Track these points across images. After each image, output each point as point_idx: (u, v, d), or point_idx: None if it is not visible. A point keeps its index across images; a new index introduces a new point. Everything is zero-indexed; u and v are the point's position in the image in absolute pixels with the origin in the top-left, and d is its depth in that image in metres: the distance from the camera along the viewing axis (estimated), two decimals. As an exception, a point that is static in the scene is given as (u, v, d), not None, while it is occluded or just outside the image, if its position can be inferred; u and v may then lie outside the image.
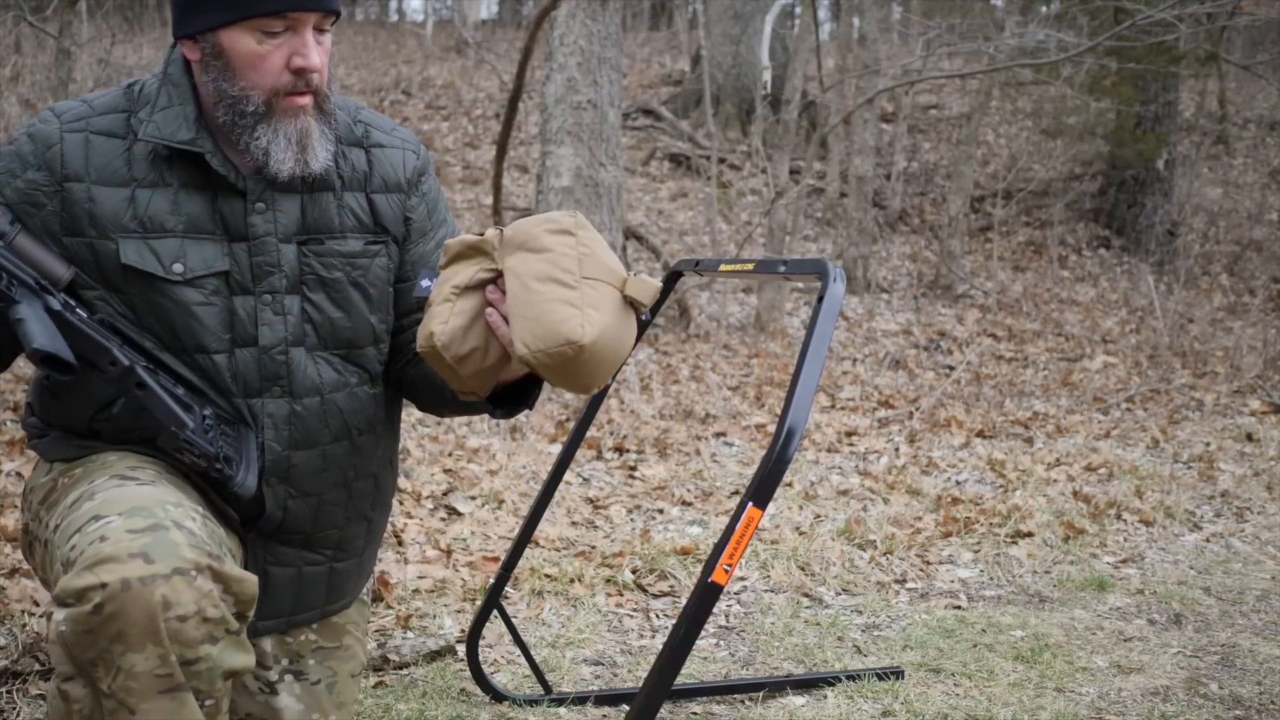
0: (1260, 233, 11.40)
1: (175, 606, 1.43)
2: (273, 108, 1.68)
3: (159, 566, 1.43)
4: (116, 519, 1.48)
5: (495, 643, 2.83)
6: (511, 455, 4.53)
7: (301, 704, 1.93)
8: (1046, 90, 11.93)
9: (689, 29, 13.39)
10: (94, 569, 1.43)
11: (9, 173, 1.69)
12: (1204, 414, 6.41)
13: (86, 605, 1.42)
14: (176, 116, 1.69)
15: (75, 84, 7.12)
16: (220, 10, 1.62)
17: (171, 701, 1.46)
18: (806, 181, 9.89)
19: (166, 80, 1.72)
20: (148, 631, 1.42)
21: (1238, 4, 8.23)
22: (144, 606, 1.42)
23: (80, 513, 1.55)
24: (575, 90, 7.20)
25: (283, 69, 1.67)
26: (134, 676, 1.43)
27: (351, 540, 1.92)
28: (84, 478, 1.67)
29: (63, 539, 1.54)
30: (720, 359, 6.89)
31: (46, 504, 1.70)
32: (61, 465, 1.75)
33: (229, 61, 1.66)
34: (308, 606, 1.92)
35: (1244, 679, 2.82)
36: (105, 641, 1.42)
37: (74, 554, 1.47)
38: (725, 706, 2.57)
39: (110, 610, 1.41)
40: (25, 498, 1.81)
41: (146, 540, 1.45)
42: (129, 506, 1.51)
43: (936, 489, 4.47)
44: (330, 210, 1.79)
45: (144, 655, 1.43)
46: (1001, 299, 9.31)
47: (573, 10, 7.10)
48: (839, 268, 1.79)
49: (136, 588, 1.42)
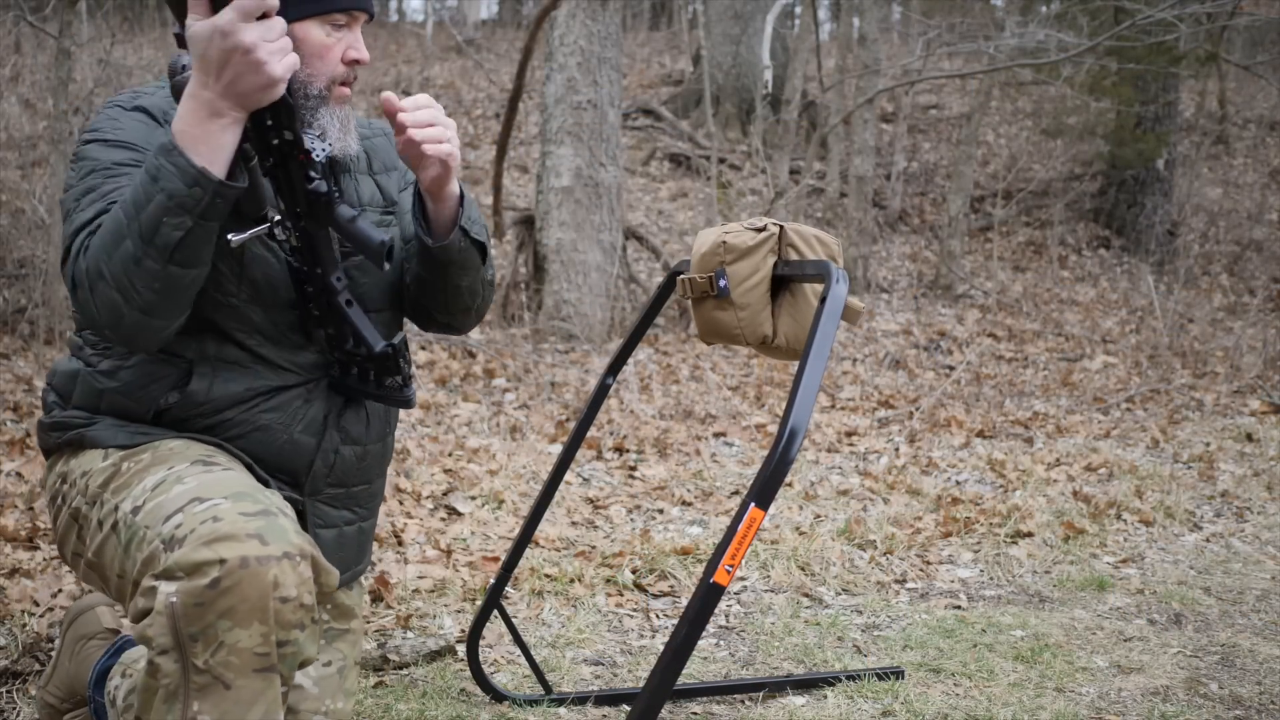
0: (1260, 233, 11.40)
1: (282, 588, 1.53)
2: (329, 94, 1.84)
3: (273, 549, 1.53)
4: (224, 501, 1.57)
5: (495, 643, 2.84)
6: (511, 455, 4.53)
7: (318, 688, 1.99)
8: (1046, 90, 11.93)
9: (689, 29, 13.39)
10: (212, 545, 1.51)
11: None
12: (1204, 414, 6.41)
13: (203, 579, 1.50)
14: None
15: (75, 84, 7.12)
16: (303, 4, 1.79)
17: (263, 681, 1.55)
18: (806, 181, 9.89)
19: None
20: (258, 609, 1.52)
21: (1238, 4, 8.23)
22: (258, 585, 1.51)
23: (172, 495, 1.61)
24: (575, 90, 7.19)
25: (338, 60, 1.83)
26: (236, 652, 1.52)
27: (375, 497, 2.07)
28: (158, 463, 1.73)
29: (154, 519, 1.60)
30: (720, 359, 6.89)
31: (111, 488, 1.74)
32: (120, 451, 1.79)
33: (300, 51, 1.79)
34: (346, 567, 2.03)
35: (1244, 679, 2.82)
36: (214, 616, 1.51)
37: (181, 531, 1.54)
38: (725, 706, 2.57)
39: (226, 585, 1.50)
40: (68, 483, 1.82)
41: (261, 523, 1.55)
42: (232, 491, 1.60)
43: (936, 489, 4.47)
44: (351, 190, 1.97)
45: (249, 632, 1.52)
46: (1001, 299, 9.31)
47: (573, 10, 7.09)
48: (841, 269, 1.79)
49: (254, 566, 1.51)
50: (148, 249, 1.59)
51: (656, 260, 8.50)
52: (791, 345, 1.98)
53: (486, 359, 6.23)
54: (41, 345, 5.36)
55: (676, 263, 2.27)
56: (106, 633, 2.12)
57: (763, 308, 1.96)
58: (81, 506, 1.78)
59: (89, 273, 1.62)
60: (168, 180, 1.58)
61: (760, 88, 10.23)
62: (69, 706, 2.13)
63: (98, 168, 1.74)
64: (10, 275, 5.87)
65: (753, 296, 1.95)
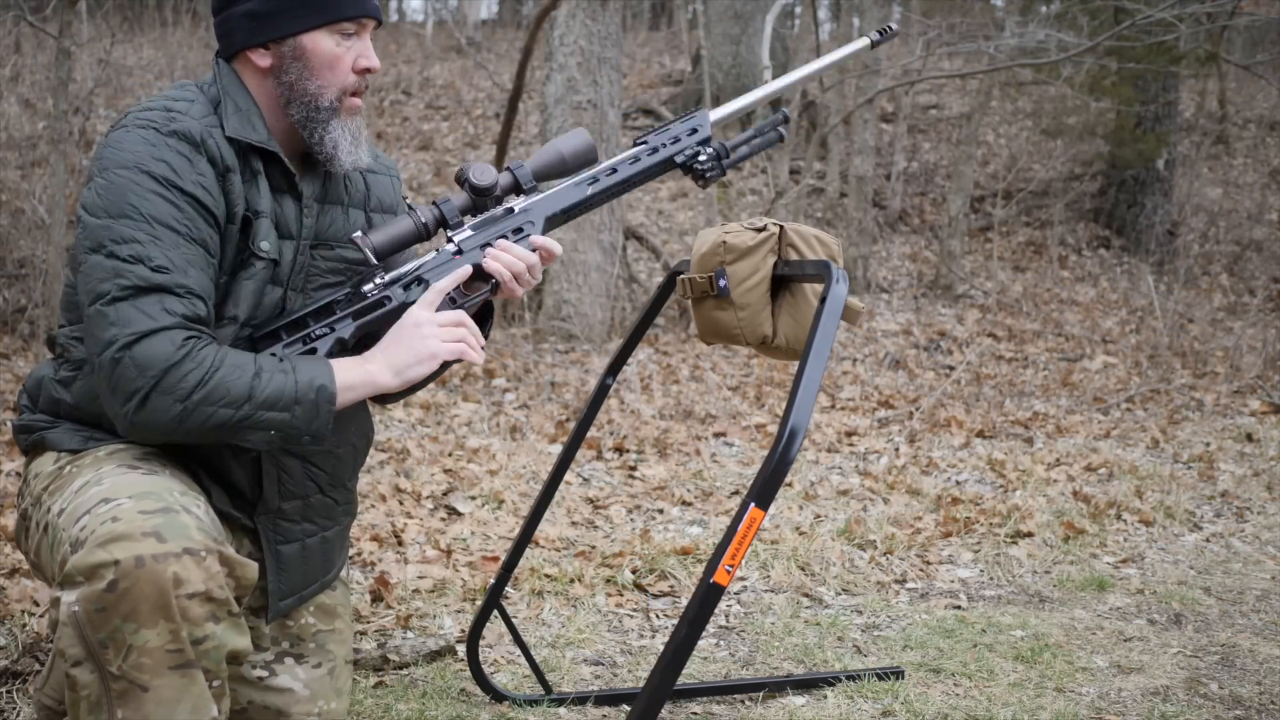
0: (1260, 233, 11.40)
1: (186, 584, 1.51)
2: (340, 106, 1.84)
3: (171, 545, 1.51)
4: (127, 501, 1.55)
5: (495, 643, 2.84)
6: (511, 455, 4.53)
7: (309, 690, 1.99)
8: (1046, 90, 11.93)
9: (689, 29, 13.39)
10: (107, 546, 1.50)
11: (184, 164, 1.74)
12: (1204, 414, 6.40)
13: (100, 583, 1.49)
14: (247, 120, 1.81)
15: (75, 84, 7.12)
16: (310, 15, 1.80)
17: (182, 678, 1.53)
18: (806, 181, 9.89)
19: (225, 93, 1.83)
20: (159, 607, 1.49)
21: (1238, 4, 8.22)
22: (156, 582, 1.49)
23: (87, 496, 1.61)
24: (575, 90, 7.19)
25: (349, 70, 1.84)
26: (146, 653, 1.50)
27: (340, 505, 2.05)
28: (90, 466, 1.73)
29: (69, 521, 1.59)
30: (720, 359, 6.89)
31: (49, 490, 1.75)
32: (68, 455, 1.80)
33: (309, 62, 1.82)
34: (314, 579, 2.02)
35: (1244, 679, 2.82)
36: (118, 620, 1.49)
37: (84, 533, 1.53)
38: (725, 706, 2.57)
39: (124, 586, 1.48)
40: (26, 484, 1.84)
41: (158, 520, 1.53)
42: (138, 490, 1.58)
43: (936, 489, 4.47)
44: (339, 221, 1.94)
45: (156, 631, 1.50)
46: (1001, 299, 9.31)
47: (573, 10, 7.09)
48: (841, 269, 1.79)
49: (150, 564, 1.49)
50: (237, 427, 1.67)
51: (656, 260, 8.50)
52: (791, 345, 1.98)
53: (486, 359, 6.23)
54: (41, 345, 5.36)
55: (676, 263, 2.27)
56: None
57: (762, 308, 1.96)
58: (28, 508, 1.81)
59: (173, 390, 1.62)
60: (303, 419, 1.70)
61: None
62: (64, 709, 2.12)
63: (140, 212, 1.68)
64: (10, 275, 5.87)
65: (753, 296, 1.96)
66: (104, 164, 1.73)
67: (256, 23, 1.82)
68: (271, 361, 1.71)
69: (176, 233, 1.70)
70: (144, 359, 1.62)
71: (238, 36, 1.84)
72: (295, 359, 1.74)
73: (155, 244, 1.68)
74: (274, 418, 1.68)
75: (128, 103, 9.99)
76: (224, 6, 1.86)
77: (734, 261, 1.96)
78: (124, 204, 1.69)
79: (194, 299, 1.69)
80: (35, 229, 5.90)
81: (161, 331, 1.63)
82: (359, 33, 1.84)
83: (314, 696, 1.99)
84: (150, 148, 1.72)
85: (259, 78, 1.85)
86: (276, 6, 1.81)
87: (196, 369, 1.63)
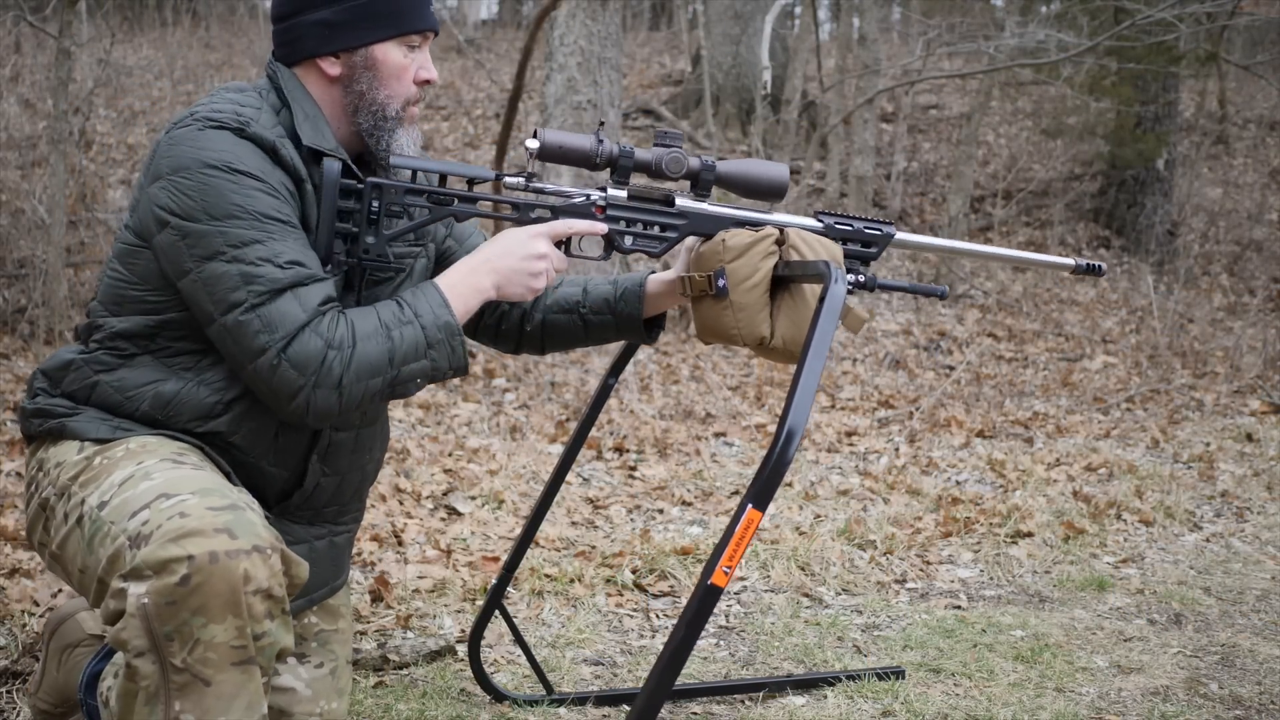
0: (1260, 233, 11.40)
1: (253, 581, 1.54)
2: (403, 115, 1.90)
3: (242, 542, 1.54)
4: (191, 497, 1.57)
5: (495, 643, 2.84)
6: (511, 455, 4.53)
7: (310, 690, 2.00)
8: (1046, 90, 11.92)
9: (689, 29, 13.39)
10: (179, 541, 1.52)
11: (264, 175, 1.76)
12: (1204, 414, 6.40)
13: (172, 577, 1.51)
14: (317, 128, 1.85)
15: (75, 84, 7.12)
16: (384, 26, 1.86)
17: (242, 674, 1.56)
18: (806, 181, 9.89)
19: (292, 99, 1.85)
20: (230, 603, 1.52)
21: (1238, 4, 8.22)
22: (229, 579, 1.52)
23: (140, 491, 1.62)
24: (575, 90, 7.19)
25: (412, 80, 1.90)
26: (212, 648, 1.53)
27: (352, 510, 2.07)
28: (128, 458, 1.72)
29: (120, 515, 1.60)
30: (720, 359, 6.89)
31: (80, 481, 1.73)
32: (95, 445, 1.78)
33: (379, 72, 1.87)
34: (322, 582, 2.03)
35: (1244, 679, 2.82)
36: (187, 613, 1.51)
37: (147, 528, 1.54)
38: (725, 706, 2.57)
39: (197, 581, 1.51)
40: (42, 472, 1.82)
41: (228, 517, 1.55)
42: (200, 487, 1.61)
43: (936, 489, 4.46)
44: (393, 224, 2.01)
45: (223, 626, 1.53)
46: (1001, 299, 9.31)
47: (573, 10, 7.09)
48: (840, 269, 1.79)
49: (223, 560, 1.52)
50: (389, 388, 1.76)
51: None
52: (788, 347, 1.98)
53: (486, 359, 6.23)
54: (41, 345, 5.36)
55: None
56: (91, 639, 2.11)
57: (761, 308, 1.96)
58: (50, 497, 1.78)
59: (326, 382, 1.69)
60: (442, 358, 1.78)
61: (760, 88, 10.21)
62: (63, 711, 2.12)
63: (247, 210, 1.70)
64: (10, 275, 5.87)
65: (751, 296, 1.95)
66: (181, 163, 1.72)
67: (330, 31, 1.84)
68: (392, 311, 1.76)
69: (284, 223, 1.73)
70: (299, 359, 1.68)
71: (307, 44, 1.85)
72: (412, 299, 1.79)
73: (274, 240, 1.71)
74: (415, 368, 1.76)
75: (128, 102, 10.00)
76: (290, 14, 1.86)
77: (733, 260, 1.96)
78: (227, 204, 1.70)
79: (320, 283, 1.73)
80: (35, 229, 5.90)
81: (306, 328, 1.69)
82: (421, 45, 1.90)
83: (316, 696, 1.99)
84: (235, 146, 1.73)
85: (325, 85, 1.88)
86: (351, 16, 1.84)
87: (338, 353, 1.70)
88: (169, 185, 1.72)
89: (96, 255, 6.35)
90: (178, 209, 1.71)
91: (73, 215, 6.46)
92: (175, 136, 1.75)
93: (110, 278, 1.83)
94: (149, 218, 1.75)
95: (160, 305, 1.79)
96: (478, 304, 1.86)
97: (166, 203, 1.72)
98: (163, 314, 1.79)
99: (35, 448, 1.88)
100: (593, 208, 1.93)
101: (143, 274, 1.79)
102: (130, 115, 9.63)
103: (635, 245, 1.97)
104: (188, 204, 1.70)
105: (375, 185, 1.84)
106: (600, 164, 1.91)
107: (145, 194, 1.77)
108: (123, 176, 7.93)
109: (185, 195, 1.70)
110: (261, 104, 1.82)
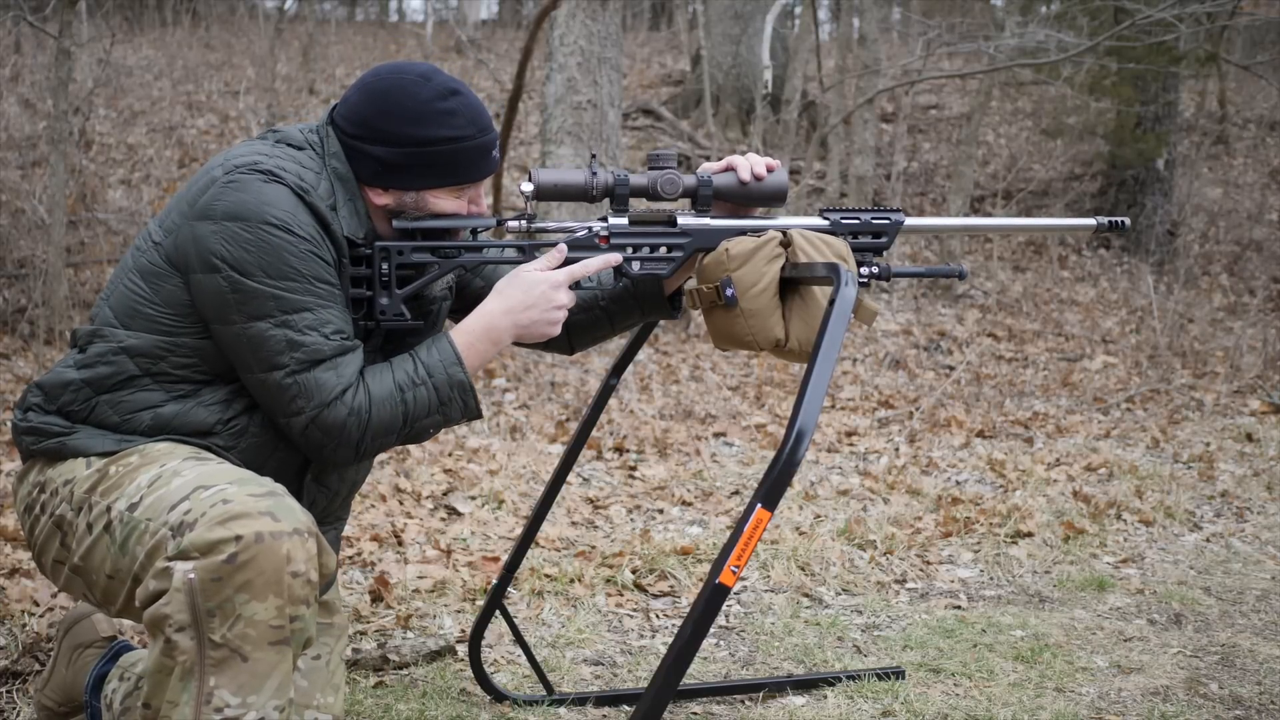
0: (1260, 233, 11.39)
1: (294, 563, 1.59)
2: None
3: (284, 524, 1.60)
4: (229, 486, 1.63)
5: (495, 643, 2.84)
6: (511, 455, 4.53)
7: (307, 680, 1.99)
8: (1046, 90, 11.92)
9: (689, 29, 13.39)
10: (226, 524, 1.57)
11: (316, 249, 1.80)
12: (1204, 414, 6.40)
13: (220, 555, 1.56)
14: (355, 217, 1.87)
15: (75, 84, 7.12)
16: (438, 178, 1.88)
17: (277, 654, 1.61)
18: (806, 181, 9.89)
19: (338, 182, 1.87)
20: (273, 583, 1.58)
21: (1238, 4, 8.22)
22: (274, 558, 1.57)
23: (174, 487, 1.66)
24: (575, 90, 7.19)
25: (457, 209, 1.94)
26: (253, 625, 1.58)
27: (337, 514, 2.10)
28: (149, 462, 1.74)
29: (156, 512, 1.64)
30: (720, 359, 6.89)
31: (100, 491, 1.74)
32: (103, 458, 1.79)
33: (426, 207, 1.91)
34: None
35: (1244, 679, 2.82)
36: (231, 590, 1.56)
37: (190, 516, 1.59)
38: (725, 706, 2.57)
39: (243, 559, 1.56)
40: (48, 492, 1.80)
41: (270, 502, 1.61)
42: (235, 477, 1.66)
43: (936, 489, 4.46)
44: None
45: (265, 605, 1.58)
46: (1001, 299, 9.30)
47: (573, 10, 7.09)
48: (849, 271, 1.78)
49: (269, 541, 1.57)
50: (403, 441, 1.85)
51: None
52: (804, 347, 1.97)
53: (486, 359, 6.23)
54: (41, 345, 5.36)
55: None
56: (102, 641, 2.13)
57: (772, 312, 1.95)
58: (66, 513, 1.77)
59: (346, 443, 1.79)
60: (454, 411, 1.84)
61: (760, 88, 10.21)
62: (66, 711, 2.13)
63: (300, 274, 1.74)
64: (10, 275, 5.87)
65: (761, 302, 1.94)
66: (240, 212, 1.73)
67: (384, 170, 1.87)
68: (406, 372, 1.81)
69: (331, 286, 1.78)
70: (327, 426, 1.77)
71: (363, 173, 1.88)
72: (426, 356, 1.83)
73: (323, 307, 1.76)
74: (428, 422, 1.84)
75: (128, 102, 9.99)
76: (356, 139, 1.87)
77: (738, 268, 1.95)
78: (284, 265, 1.73)
79: (355, 353, 1.80)
80: (35, 229, 5.90)
81: (338, 399, 1.76)
82: (475, 184, 1.93)
83: (311, 689, 1.98)
84: (296, 209, 1.76)
85: (377, 194, 1.91)
86: (406, 162, 1.85)
87: (357, 419, 1.77)
88: (224, 231, 1.72)
89: (96, 255, 6.35)
90: (232, 261, 1.72)
91: (73, 215, 6.45)
92: (238, 182, 1.74)
93: (128, 289, 1.81)
94: (192, 254, 1.75)
95: (176, 329, 1.80)
96: (494, 355, 1.90)
97: (220, 250, 1.72)
98: (176, 336, 1.80)
99: (27, 470, 1.86)
100: (596, 239, 1.94)
101: (166, 299, 1.79)
102: (130, 115, 9.63)
103: (644, 269, 1.99)
104: (244, 258, 1.72)
105: (383, 249, 1.87)
106: (597, 196, 1.92)
107: (191, 228, 1.75)
108: (123, 176, 7.92)
109: (243, 249, 1.71)
110: (322, 171, 1.84)
